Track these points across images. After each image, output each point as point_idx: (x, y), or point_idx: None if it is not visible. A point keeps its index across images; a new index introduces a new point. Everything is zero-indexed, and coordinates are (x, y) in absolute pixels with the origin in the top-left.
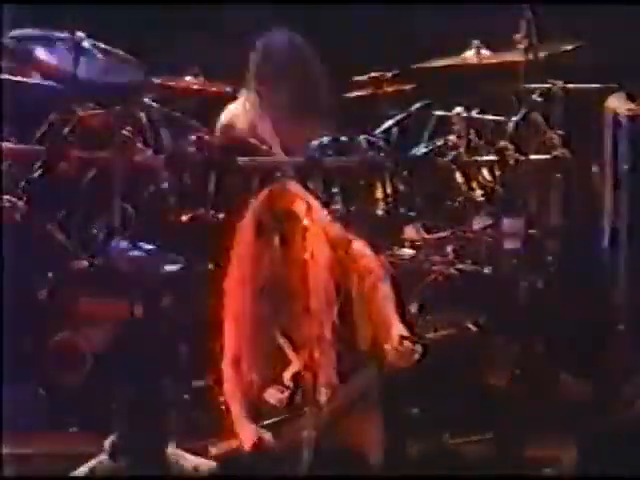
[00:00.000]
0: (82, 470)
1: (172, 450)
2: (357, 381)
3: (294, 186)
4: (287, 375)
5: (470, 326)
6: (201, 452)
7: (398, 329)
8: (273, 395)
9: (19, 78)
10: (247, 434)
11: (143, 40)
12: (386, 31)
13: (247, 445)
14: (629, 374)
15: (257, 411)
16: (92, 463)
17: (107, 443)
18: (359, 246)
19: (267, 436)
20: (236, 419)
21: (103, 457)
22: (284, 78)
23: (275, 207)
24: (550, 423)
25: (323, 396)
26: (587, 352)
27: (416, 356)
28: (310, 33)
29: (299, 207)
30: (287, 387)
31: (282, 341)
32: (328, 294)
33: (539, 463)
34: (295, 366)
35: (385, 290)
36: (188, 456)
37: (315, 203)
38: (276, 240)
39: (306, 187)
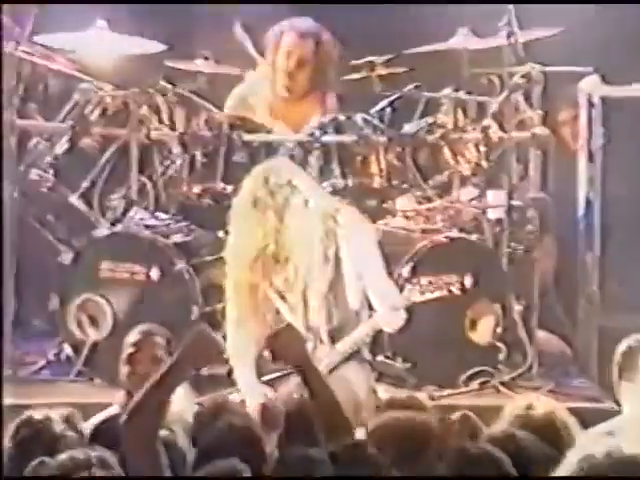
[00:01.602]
0: (93, 421)
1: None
2: (349, 338)
3: (285, 161)
4: None
5: (454, 290)
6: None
7: (387, 292)
8: None
9: (44, 62)
10: (252, 393)
11: (159, 25)
12: (381, 21)
13: (253, 407)
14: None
15: (257, 369)
16: (103, 414)
17: (119, 396)
18: (348, 213)
19: (269, 391)
20: (240, 377)
21: (114, 409)
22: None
23: (269, 181)
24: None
25: (319, 353)
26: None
27: (400, 322)
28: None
29: (300, 179)
30: None
31: (279, 303)
32: (320, 260)
33: None
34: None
35: (373, 253)
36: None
37: (305, 175)
38: (271, 212)
39: (307, 162)
